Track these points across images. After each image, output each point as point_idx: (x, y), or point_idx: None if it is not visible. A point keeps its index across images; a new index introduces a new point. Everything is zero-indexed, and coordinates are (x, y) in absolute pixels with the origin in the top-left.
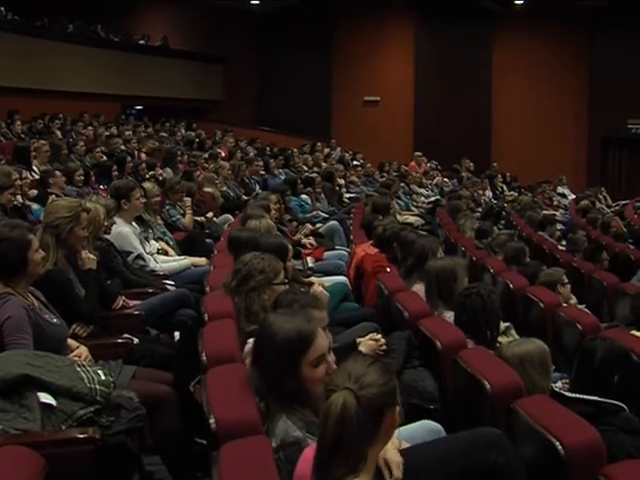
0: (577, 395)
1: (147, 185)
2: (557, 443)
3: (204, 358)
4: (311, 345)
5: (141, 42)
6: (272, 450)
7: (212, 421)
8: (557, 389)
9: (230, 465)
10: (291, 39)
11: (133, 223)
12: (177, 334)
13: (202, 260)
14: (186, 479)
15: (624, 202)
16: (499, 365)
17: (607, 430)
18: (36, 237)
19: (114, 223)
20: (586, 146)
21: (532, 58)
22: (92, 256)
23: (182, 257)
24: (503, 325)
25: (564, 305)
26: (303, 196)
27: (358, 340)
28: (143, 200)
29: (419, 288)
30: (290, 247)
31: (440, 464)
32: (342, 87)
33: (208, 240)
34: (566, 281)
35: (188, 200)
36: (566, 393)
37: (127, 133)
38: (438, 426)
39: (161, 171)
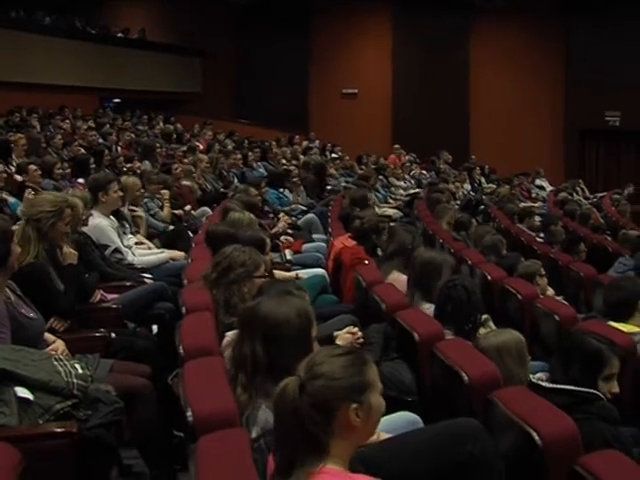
0: (554, 385)
1: (131, 179)
2: (534, 433)
3: (181, 351)
4: (313, 322)
5: (119, 35)
6: (252, 440)
7: (189, 414)
8: (535, 380)
9: (207, 457)
10: (269, 32)
11: (110, 216)
12: (155, 327)
13: (180, 254)
14: (164, 472)
15: (602, 194)
16: (476, 356)
17: (584, 419)
18: (17, 230)
19: (91, 215)
20: (564, 138)
21: (509, 51)
22: (73, 251)
23: (160, 250)
24: (482, 315)
25: (541, 296)
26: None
27: (335, 333)
28: (120, 193)
29: (395, 278)
30: (268, 241)
31: (418, 455)
32: (320, 80)
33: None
34: (543, 273)
35: (166, 193)
36: (543, 384)
37: (105, 126)
38: (416, 417)
39: (139, 164)
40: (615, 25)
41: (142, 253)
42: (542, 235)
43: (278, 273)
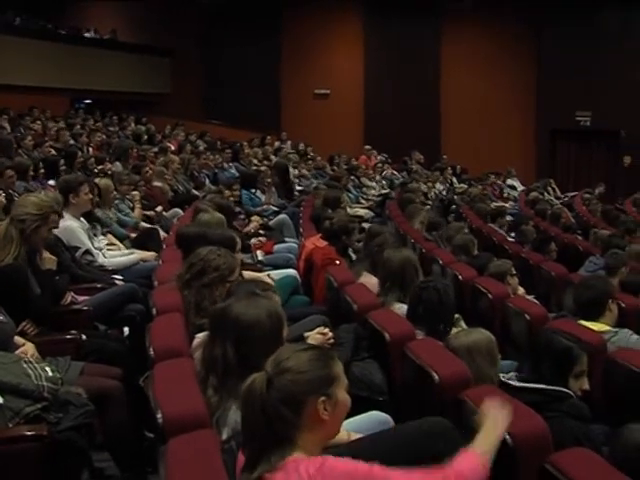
0: (524, 384)
1: (104, 181)
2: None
3: (151, 353)
4: (284, 322)
5: (88, 35)
6: (223, 441)
7: (159, 416)
8: (505, 379)
9: (177, 459)
10: (239, 31)
11: (81, 218)
12: (126, 329)
13: (151, 255)
14: (136, 474)
15: (573, 194)
16: (447, 356)
17: (554, 417)
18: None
19: (61, 217)
20: (535, 138)
21: (480, 52)
22: (52, 257)
23: (129, 251)
24: (454, 316)
25: (512, 296)
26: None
27: (306, 334)
28: (91, 196)
29: (367, 280)
30: (238, 240)
31: (389, 454)
32: (292, 80)
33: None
34: (514, 272)
35: (137, 194)
36: (513, 383)
37: (76, 127)
38: (387, 417)
39: (110, 165)
40: (585, 26)
41: (112, 255)
42: (513, 235)
43: (248, 274)
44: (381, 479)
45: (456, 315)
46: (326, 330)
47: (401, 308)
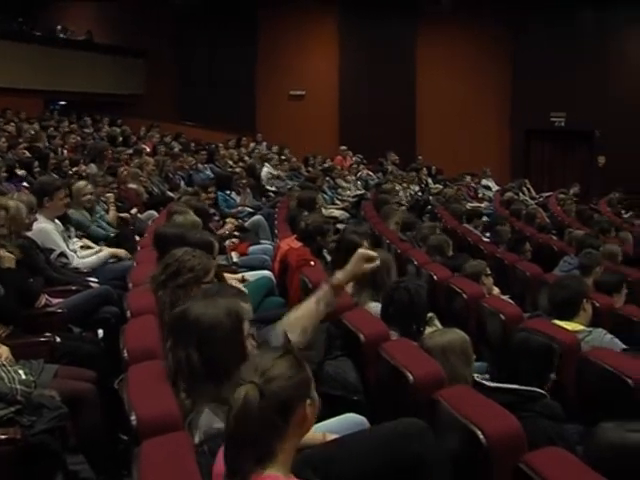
0: (497, 384)
1: (80, 183)
2: (478, 432)
3: (125, 355)
4: (243, 319)
5: (63, 36)
6: (195, 445)
7: (133, 418)
8: (478, 379)
9: (150, 462)
10: (214, 32)
11: (55, 220)
12: (101, 331)
13: (122, 252)
14: (111, 477)
15: (548, 194)
16: (421, 356)
17: (528, 417)
18: None
19: (36, 220)
20: (510, 139)
21: (456, 53)
22: (11, 255)
23: (99, 249)
24: (427, 315)
25: (487, 296)
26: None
27: None
28: (67, 200)
29: None
30: (216, 244)
31: (364, 456)
32: (267, 81)
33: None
34: (489, 272)
35: (111, 196)
36: (487, 383)
37: (50, 129)
38: (362, 419)
39: (84, 167)
40: (560, 28)
41: (83, 255)
42: (488, 235)
43: (228, 276)
44: None
45: (430, 314)
46: None
47: (375, 307)
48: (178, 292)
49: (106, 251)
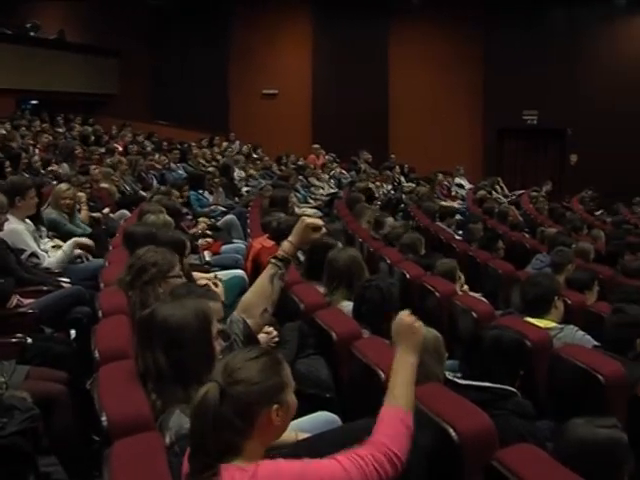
0: (469, 382)
1: (61, 186)
2: (450, 430)
3: (97, 355)
4: (211, 320)
5: (34, 35)
6: (167, 446)
7: (104, 419)
8: (450, 376)
9: (121, 462)
10: (187, 31)
11: (26, 220)
12: (73, 332)
13: (86, 240)
14: (83, 478)
15: (520, 192)
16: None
17: (500, 415)
18: None
19: (7, 220)
20: (483, 137)
21: (428, 52)
22: None
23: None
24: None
25: (459, 293)
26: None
27: None
28: (37, 200)
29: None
30: (188, 243)
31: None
32: (239, 80)
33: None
34: (460, 275)
35: (83, 196)
36: (459, 380)
37: (22, 128)
38: (334, 417)
39: (56, 167)
40: (532, 26)
41: (52, 254)
42: (461, 233)
43: (198, 275)
44: (313, 472)
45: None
46: (271, 329)
47: (348, 306)
48: (146, 290)
49: (70, 241)
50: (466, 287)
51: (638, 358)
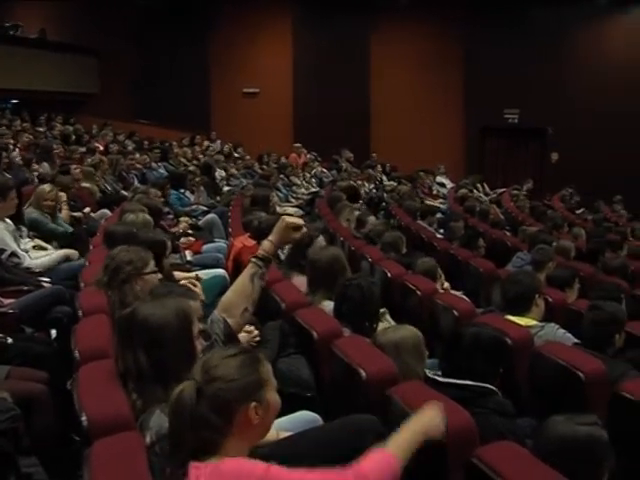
0: (449, 380)
1: (44, 187)
2: None
3: (77, 355)
4: (193, 320)
5: (14, 33)
6: (147, 446)
7: (84, 418)
8: (431, 375)
9: (101, 463)
10: (169, 31)
11: (6, 219)
12: (54, 332)
13: (74, 252)
14: (64, 479)
15: (502, 190)
16: (374, 353)
17: (480, 413)
18: None
19: None
20: (464, 136)
21: (410, 50)
22: None
23: (52, 250)
24: (379, 312)
25: (441, 292)
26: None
27: None
28: (17, 200)
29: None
30: (168, 243)
31: (317, 452)
32: (221, 79)
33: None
34: (441, 273)
35: (63, 195)
36: (439, 378)
37: (2, 128)
38: (315, 416)
39: (37, 166)
40: (513, 25)
41: (36, 256)
42: (442, 231)
43: (179, 275)
44: (276, 477)
45: (382, 309)
46: (251, 328)
47: (329, 306)
48: (124, 288)
49: (60, 252)
50: (447, 284)
51: (618, 355)
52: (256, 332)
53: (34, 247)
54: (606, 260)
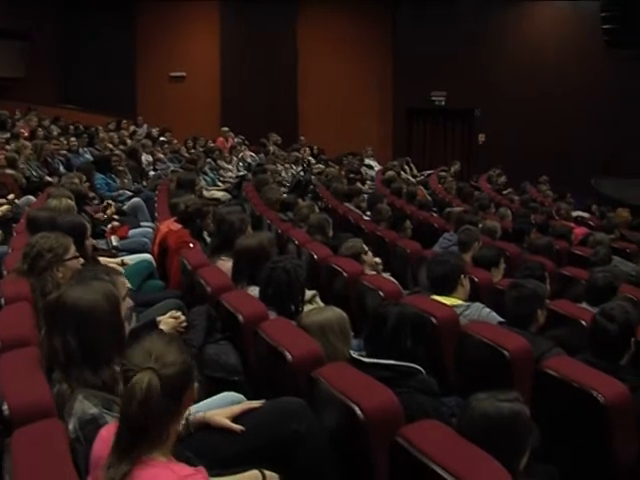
0: (374, 360)
1: None
2: (356, 407)
3: None
4: (120, 302)
5: None
6: (70, 432)
7: (5, 407)
8: (355, 355)
9: (22, 451)
10: (94, 14)
11: None
12: None
13: None
14: None
15: (429, 172)
16: (299, 335)
17: (404, 392)
18: None
19: None
20: (391, 118)
21: (337, 32)
22: None
23: None
24: (309, 293)
25: (369, 272)
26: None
27: (158, 319)
28: None
29: (222, 264)
30: (88, 226)
31: (244, 436)
32: (147, 63)
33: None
34: (367, 249)
35: None
36: (364, 359)
37: None
38: (241, 396)
39: None
40: (440, 8)
41: None
42: (369, 213)
43: (103, 260)
44: None
45: (312, 292)
46: (178, 314)
47: (254, 290)
48: (45, 275)
49: None
50: (378, 259)
51: (541, 331)
52: (183, 317)
53: None
54: (532, 240)
